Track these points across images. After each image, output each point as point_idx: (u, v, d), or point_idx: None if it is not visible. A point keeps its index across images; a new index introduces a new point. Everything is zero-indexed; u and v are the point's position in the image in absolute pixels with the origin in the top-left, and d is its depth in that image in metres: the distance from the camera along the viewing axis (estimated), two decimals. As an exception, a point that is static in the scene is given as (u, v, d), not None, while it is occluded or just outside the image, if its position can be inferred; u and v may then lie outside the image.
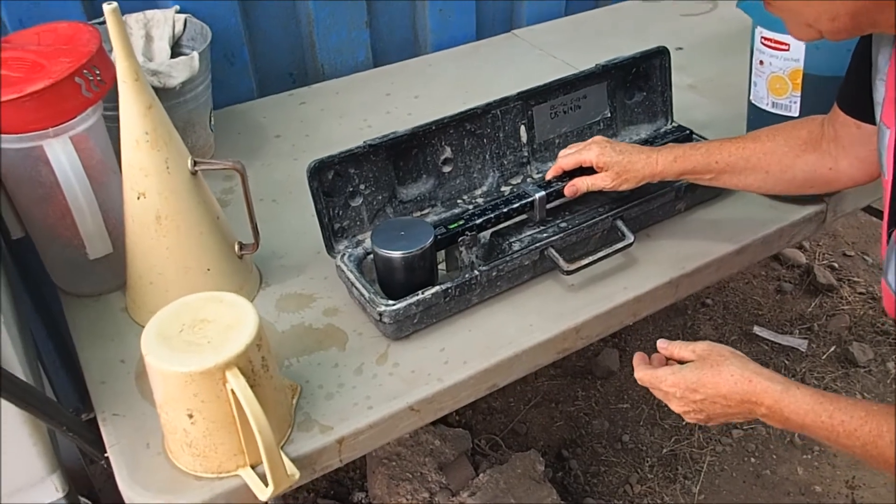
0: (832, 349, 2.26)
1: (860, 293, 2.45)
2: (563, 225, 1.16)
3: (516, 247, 1.13)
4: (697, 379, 0.94)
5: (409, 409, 0.99)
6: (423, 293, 1.04)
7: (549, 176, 1.20)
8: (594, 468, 1.97)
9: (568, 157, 1.17)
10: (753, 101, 1.28)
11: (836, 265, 2.57)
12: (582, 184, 1.15)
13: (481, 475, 1.76)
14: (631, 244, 1.15)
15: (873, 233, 2.69)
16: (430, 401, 1.00)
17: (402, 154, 1.16)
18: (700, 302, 2.43)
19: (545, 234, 1.14)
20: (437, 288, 1.05)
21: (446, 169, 1.21)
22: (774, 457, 1.99)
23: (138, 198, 1.01)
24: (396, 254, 1.04)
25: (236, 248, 1.12)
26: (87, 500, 1.64)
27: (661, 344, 1.03)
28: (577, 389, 2.18)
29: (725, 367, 0.93)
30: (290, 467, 0.90)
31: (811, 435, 0.88)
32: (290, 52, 1.72)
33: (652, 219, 1.24)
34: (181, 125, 1.30)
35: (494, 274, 1.09)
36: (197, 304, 0.89)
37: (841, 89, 1.02)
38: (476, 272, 1.07)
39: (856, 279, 2.51)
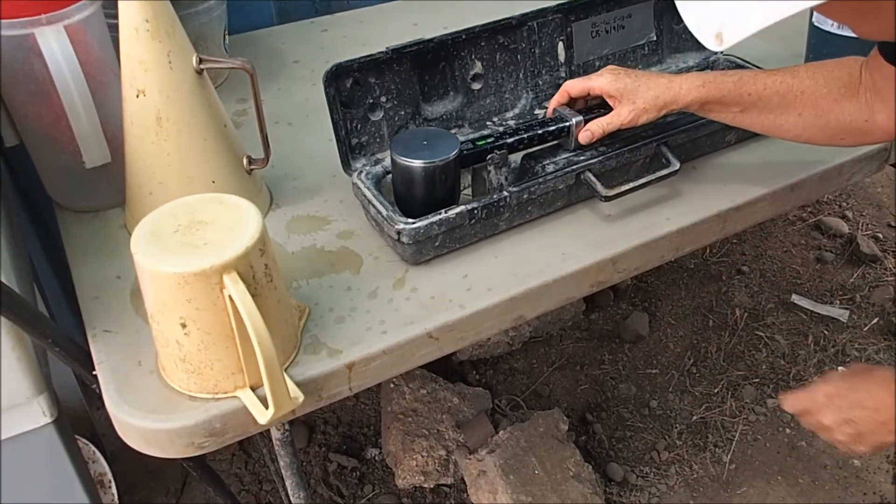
0: (874, 321, 2.14)
1: (906, 265, 2.33)
2: (603, 149, 1.05)
3: (550, 169, 1.02)
4: (843, 378, 0.93)
5: (427, 335, 0.90)
6: (446, 212, 0.94)
7: (552, 105, 1.07)
8: (619, 433, 1.88)
9: (575, 82, 1.05)
10: (816, 24, 1.16)
11: (880, 236, 2.44)
12: (597, 127, 1.02)
13: (501, 432, 1.67)
14: (676, 171, 1.05)
15: (921, 204, 2.56)
16: (450, 328, 0.91)
17: (428, 66, 1.06)
18: (736, 269, 2.32)
19: (582, 158, 1.04)
20: (461, 207, 0.95)
21: (476, 86, 1.11)
22: (811, 428, 1.88)
23: (137, 96, 0.92)
24: (417, 163, 0.94)
25: (245, 162, 1.03)
26: (87, 442, 1.57)
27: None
28: (603, 353, 2.08)
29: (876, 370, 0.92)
30: (294, 390, 0.82)
31: None
32: (313, -24, 1.62)
33: (699, 149, 1.13)
34: (193, 39, 1.19)
35: (525, 197, 0.99)
36: (195, 204, 0.80)
37: None
38: (505, 193, 0.98)
39: (901, 250, 2.39)
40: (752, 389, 1.96)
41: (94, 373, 0.87)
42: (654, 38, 1.22)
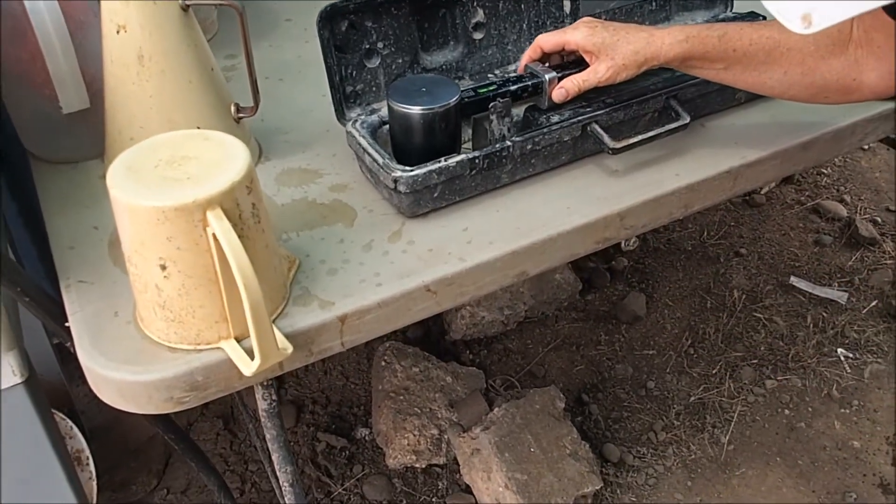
0: (873, 303, 2.11)
1: (905, 248, 2.30)
2: (610, 101, 1.00)
3: (555, 120, 0.97)
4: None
5: (424, 289, 0.85)
6: (445, 160, 0.89)
7: (524, 60, 1.01)
8: (616, 414, 1.83)
9: (548, 36, 0.98)
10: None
11: (878, 219, 2.40)
12: (571, 84, 0.96)
13: (496, 409, 1.62)
14: (686, 125, 1.00)
15: (920, 189, 2.53)
16: (449, 282, 0.86)
17: (427, 12, 1.01)
18: (733, 251, 2.28)
19: (589, 110, 0.99)
20: (462, 156, 0.90)
21: (477, 36, 1.05)
22: (810, 409, 1.84)
23: (118, 31, 0.86)
24: (415, 110, 0.89)
25: (233, 109, 0.97)
26: (64, 417, 1.51)
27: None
28: (600, 333, 2.03)
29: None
30: (283, 341, 0.76)
31: None
32: (306, -63, 1.56)
33: (708, 106, 1.08)
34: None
35: (529, 148, 0.94)
36: (178, 140, 0.75)
37: None
38: (508, 143, 0.92)
39: (900, 234, 2.35)
40: (750, 370, 1.92)
41: (66, 325, 0.82)
42: (662, -7, 1.17)
